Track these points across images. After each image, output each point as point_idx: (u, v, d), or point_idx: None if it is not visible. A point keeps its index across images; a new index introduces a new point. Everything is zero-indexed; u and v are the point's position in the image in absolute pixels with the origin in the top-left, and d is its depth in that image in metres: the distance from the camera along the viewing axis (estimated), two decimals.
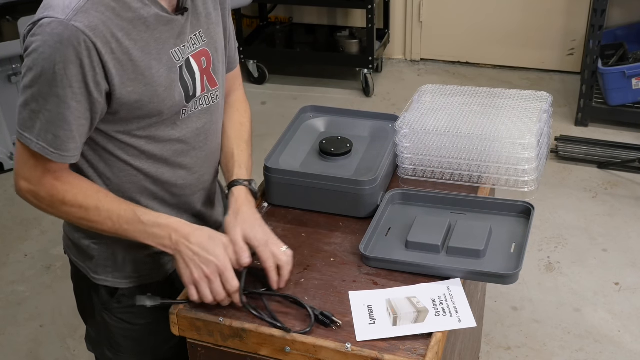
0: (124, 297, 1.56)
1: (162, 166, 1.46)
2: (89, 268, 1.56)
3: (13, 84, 3.82)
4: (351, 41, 4.39)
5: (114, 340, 1.61)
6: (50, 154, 1.34)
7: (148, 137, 1.42)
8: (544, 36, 4.42)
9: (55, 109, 1.30)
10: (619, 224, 3.17)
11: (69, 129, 1.32)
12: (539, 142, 1.71)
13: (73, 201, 1.37)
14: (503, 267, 1.48)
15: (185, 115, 1.45)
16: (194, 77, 1.44)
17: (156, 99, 1.37)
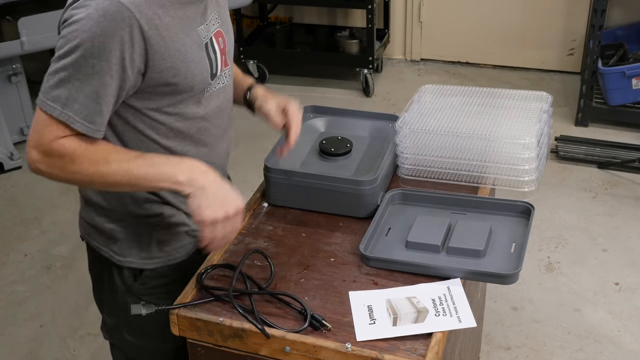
0: (148, 279, 1.59)
1: (188, 144, 1.50)
2: (113, 251, 1.58)
3: (13, 84, 3.82)
4: (351, 41, 4.39)
5: (137, 324, 1.59)
6: (75, 123, 1.33)
7: (177, 114, 1.46)
8: (544, 36, 4.42)
9: (88, 81, 1.31)
10: (619, 224, 3.16)
11: (98, 102, 1.33)
12: (539, 142, 1.71)
13: (82, 157, 1.35)
14: (503, 267, 1.48)
15: (208, 93, 1.50)
16: (216, 56, 1.48)
17: (189, 74, 1.41)
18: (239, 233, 1.63)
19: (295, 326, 1.37)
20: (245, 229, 1.65)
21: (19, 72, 3.82)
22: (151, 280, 1.60)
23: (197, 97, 1.47)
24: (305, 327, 1.35)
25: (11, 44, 3.55)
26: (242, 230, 1.65)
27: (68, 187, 3.63)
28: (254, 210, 1.71)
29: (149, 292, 1.60)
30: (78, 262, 3.09)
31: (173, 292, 1.51)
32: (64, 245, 3.21)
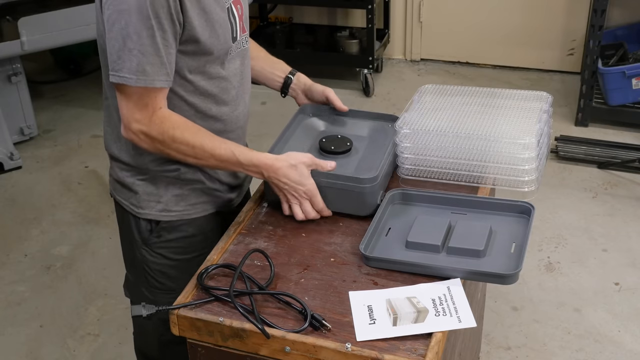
0: (163, 231, 1.69)
1: (210, 102, 1.62)
2: (133, 204, 1.70)
3: (13, 84, 3.82)
4: (351, 41, 4.39)
5: (151, 277, 1.73)
6: (152, 82, 1.48)
7: (203, 74, 1.58)
8: (544, 36, 4.42)
9: (149, 41, 1.44)
10: (619, 224, 3.16)
11: (160, 55, 1.46)
12: (539, 142, 1.71)
13: (181, 138, 1.53)
14: (503, 267, 1.48)
15: (230, 56, 1.62)
16: (236, 21, 1.60)
17: (214, 34, 1.53)
18: (238, 233, 1.64)
19: (295, 326, 1.37)
20: (245, 229, 1.65)
21: (19, 72, 3.82)
22: (166, 234, 1.70)
23: (221, 58, 1.59)
24: (305, 327, 1.35)
25: (11, 44, 3.55)
26: (242, 230, 1.65)
27: (68, 187, 3.64)
28: (254, 210, 1.71)
29: (163, 245, 1.71)
30: (78, 262, 3.09)
31: (187, 248, 1.71)
32: (64, 245, 3.21)
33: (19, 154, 3.82)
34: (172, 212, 1.69)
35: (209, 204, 1.72)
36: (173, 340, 1.69)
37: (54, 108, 4.40)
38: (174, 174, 1.66)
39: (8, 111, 3.82)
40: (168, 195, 1.67)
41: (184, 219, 1.70)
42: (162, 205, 1.68)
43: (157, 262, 1.71)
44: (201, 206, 1.71)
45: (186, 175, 1.66)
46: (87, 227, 3.30)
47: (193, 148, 1.54)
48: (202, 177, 1.68)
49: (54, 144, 4.05)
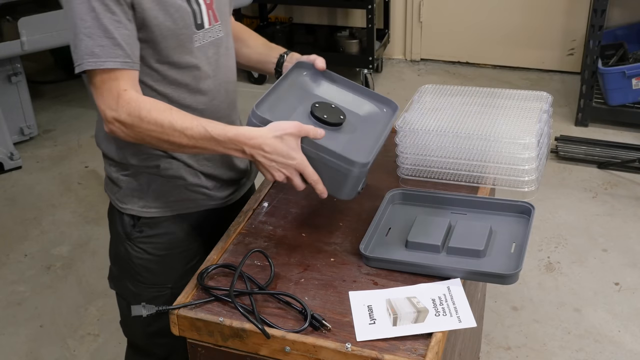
0: (145, 227, 1.69)
1: (184, 91, 1.59)
2: (117, 199, 1.70)
3: (13, 84, 3.83)
4: (351, 41, 4.39)
5: (135, 271, 1.72)
6: (103, 63, 1.44)
7: (169, 63, 1.55)
8: (544, 36, 4.42)
9: (95, 22, 1.42)
10: (619, 224, 3.17)
11: (111, 36, 1.43)
12: (539, 142, 1.71)
13: (149, 118, 1.45)
14: (503, 267, 1.48)
15: (199, 44, 1.58)
16: (201, 9, 1.56)
17: (169, 18, 1.50)
18: (238, 233, 1.64)
19: (295, 326, 1.37)
20: (245, 229, 1.65)
21: (19, 72, 3.82)
22: (148, 229, 1.69)
23: (187, 46, 1.55)
24: (306, 327, 1.35)
25: (11, 44, 3.55)
26: (242, 230, 1.65)
27: (68, 187, 3.64)
28: (254, 210, 1.71)
29: (145, 241, 1.69)
30: (78, 262, 3.09)
31: (169, 244, 1.69)
32: (64, 245, 3.21)
33: (19, 154, 3.82)
34: (153, 209, 1.67)
35: (194, 201, 1.70)
36: (159, 331, 1.72)
37: (54, 108, 4.40)
38: (154, 170, 1.64)
39: (8, 111, 3.82)
40: (149, 191, 1.66)
41: (166, 215, 1.68)
42: (144, 201, 1.67)
43: (139, 257, 1.71)
44: (184, 203, 1.69)
45: (167, 171, 1.64)
46: (87, 227, 3.30)
47: (162, 127, 1.45)
48: (184, 173, 1.65)
49: (54, 144, 4.05)
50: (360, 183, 1.56)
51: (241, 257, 1.52)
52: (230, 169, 1.74)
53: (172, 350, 1.80)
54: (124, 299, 1.80)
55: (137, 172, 1.65)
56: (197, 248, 1.74)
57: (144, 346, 1.84)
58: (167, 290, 1.72)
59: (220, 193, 1.74)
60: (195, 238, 1.74)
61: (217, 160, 1.70)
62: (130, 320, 1.82)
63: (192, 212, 1.71)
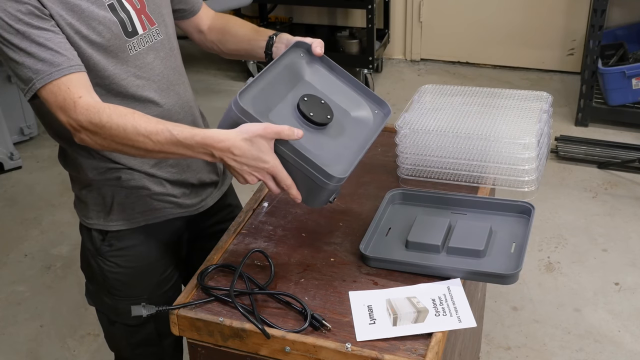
0: (113, 240, 1.66)
1: (131, 102, 1.53)
2: (84, 215, 1.68)
3: (13, 84, 3.82)
4: (351, 41, 4.39)
5: (110, 285, 1.69)
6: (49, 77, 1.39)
7: (109, 77, 1.50)
8: (544, 36, 4.42)
9: (26, 42, 1.38)
10: (619, 224, 3.16)
11: (47, 48, 1.39)
12: (539, 142, 1.71)
13: (110, 122, 1.38)
14: (503, 267, 1.48)
15: (134, 52, 1.53)
16: (130, 15, 1.53)
17: (92, 31, 1.46)
18: (238, 233, 1.64)
19: (295, 326, 1.37)
20: (245, 229, 1.65)
21: None
22: (117, 242, 1.66)
23: (121, 56, 1.51)
24: (306, 327, 1.35)
25: None
26: (242, 230, 1.65)
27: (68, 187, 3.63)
28: (254, 210, 1.71)
29: (116, 255, 1.67)
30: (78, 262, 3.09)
31: (140, 255, 1.66)
32: (64, 245, 3.21)
33: (19, 154, 3.82)
34: (120, 222, 1.64)
35: (161, 210, 1.65)
36: (142, 342, 1.71)
37: None
38: (115, 182, 1.60)
39: (8, 111, 3.82)
40: (114, 205, 1.62)
41: (133, 227, 1.65)
42: (110, 214, 1.63)
43: (112, 271, 1.67)
44: (151, 213, 1.64)
45: (129, 182, 1.60)
46: None
47: (125, 132, 1.37)
48: (147, 183, 1.61)
49: (54, 144, 4.03)
50: (333, 194, 1.47)
51: (241, 257, 1.52)
52: (198, 172, 1.69)
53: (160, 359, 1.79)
54: (104, 313, 1.77)
55: (99, 186, 1.62)
56: (171, 257, 1.72)
57: (129, 358, 1.83)
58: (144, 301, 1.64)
59: (190, 200, 1.69)
60: (168, 247, 1.71)
61: (181, 165, 1.65)
62: (113, 334, 1.81)
63: (161, 221, 1.67)
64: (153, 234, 1.67)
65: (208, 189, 1.73)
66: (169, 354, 1.80)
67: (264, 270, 1.51)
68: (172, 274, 1.74)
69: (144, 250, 1.67)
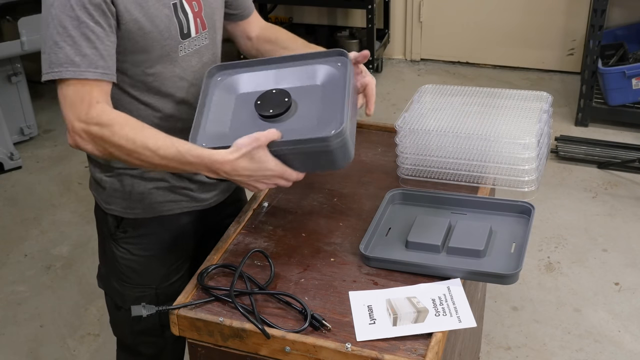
0: (128, 227, 1.68)
1: (168, 101, 1.58)
2: (102, 199, 1.69)
3: (13, 84, 3.83)
4: (351, 41, 4.39)
5: (120, 271, 1.72)
6: (82, 73, 1.41)
7: (154, 75, 1.53)
8: (544, 36, 4.42)
9: (77, 31, 1.40)
10: (619, 224, 3.16)
11: (94, 46, 1.41)
12: (539, 142, 1.71)
13: (120, 132, 1.41)
14: (503, 267, 1.48)
15: (183, 53, 1.56)
16: (188, 18, 1.55)
17: (155, 29, 1.49)
18: (238, 233, 1.64)
19: (295, 326, 1.37)
20: (245, 228, 1.65)
21: (19, 72, 3.82)
22: (132, 230, 1.69)
23: (171, 56, 1.54)
24: (306, 327, 1.35)
25: (11, 44, 3.55)
26: (242, 230, 1.65)
27: (68, 187, 3.64)
28: (254, 210, 1.71)
29: (129, 241, 1.69)
30: (78, 262, 3.09)
31: (153, 245, 1.69)
32: (64, 245, 3.21)
33: (19, 154, 3.82)
34: (136, 210, 1.67)
35: (178, 202, 1.69)
36: (145, 330, 1.72)
37: (54, 108, 4.39)
38: (136, 172, 1.63)
39: (8, 111, 3.82)
40: (133, 193, 1.65)
41: (149, 216, 1.68)
42: (127, 202, 1.66)
43: (124, 257, 1.71)
44: (167, 205, 1.68)
45: (150, 173, 1.64)
46: (87, 227, 3.29)
47: (134, 144, 1.41)
48: (167, 175, 1.65)
49: (54, 144, 4.05)
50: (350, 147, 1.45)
51: (241, 257, 1.52)
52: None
53: (160, 349, 1.81)
54: (111, 298, 1.80)
55: (120, 174, 1.64)
56: (182, 249, 1.74)
57: (131, 345, 1.85)
58: (152, 291, 1.72)
59: (205, 194, 1.72)
60: (180, 239, 1.73)
61: None
62: (117, 319, 1.83)
63: (176, 213, 1.70)
64: (166, 225, 1.70)
65: (221, 184, 1.77)
66: (170, 345, 1.81)
67: (264, 270, 1.51)
68: (182, 266, 1.76)
69: (157, 240, 1.70)
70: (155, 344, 1.80)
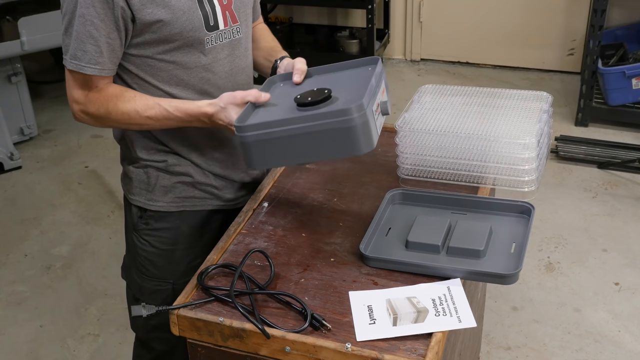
0: (151, 219, 1.72)
1: (190, 92, 1.61)
2: (127, 190, 1.75)
3: (13, 84, 3.83)
4: (351, 41, 4.39)
5: (139, 263, 1.75)
6: (82, 68, 1.51)
7: (175, 62, 1.57)
8: (544, 36, 4.43)
9: (82, 28, 1.47)
10: (619, 224, 3.17)
11: (96, 44, 1.49)
12: (539, 142, 1.71)
13: (115, 109, 1.54)
14: (503, 267, 1.48)
15: (210, 45, 1.59)
16: (214, 10, 1.57)
17: (175, 21, 1.51)
18: (238, 233, 1.64)
19: (295, 326, 1.37)
20: (245, 228, 1.65)
21: (19, 72, 3.83)
22: (154, 222, 1.72)
23: (197, 47, 1.56)
24: (306, 327, 1.35)
25: (11, 44, 3.55)
26: (242, 230, 1.65)
27: (68, 187, 3.64)
28: (254, 210, 1.71)
29: (149, 233, 1.73)
30: (78, 262, 3.09)
31: (173, 239, 1.72)
32: (64, 245, 3.21)
33: (19, 154, 3.82)
34: (159, 203, 1.70)
35: (201, 199, 1.72)
36: (159, 326, 1.73)
37: (54, 108, 4.40)
38: (161, 164, 1.68)
39: (8, 111, 3.82)
40: (157, 185, 1.69)
41: (172, 210, 1.71)
42: (151, 194, 1.70)
43: (144, 249, 1.73)
44: (191, 200, 1.71)
45: (175, 167, 1.68)
46: (87, 227, 3.30)
47: (128, 115, 1.55)
48: (192, 171, 1.69)
49: (54, 144, 4.05)
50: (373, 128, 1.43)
51: (241, 257, 1.52)
52: (240, 171, 1.76)
53: (174, 346, 1.81)
54: (130, 289, 1.83)
55: (145, 165, 1.69)
56: (202, 247, 1.74)
57: (145, 340, 1.86)
58: (169, 286, 1.74)
59: (230, 194, 1.75)
60: (201, 236, 1.74)
61: (225, 161, 1.71)
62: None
63: (199, 210, 1.72)
64: (188, 221, 1.72)
65: (248, 186, 1.79)
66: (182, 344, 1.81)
67: (264, 270, 1.51)
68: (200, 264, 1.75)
69: (178, 234, 1.72)
70: (169, 341, 1.79)
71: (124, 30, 1.50)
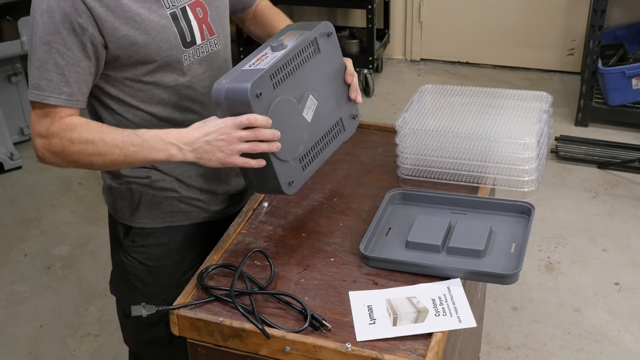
0: (136, 237, 1.67)
1: (172, 110, 1.56)
2: (112, 207, 1.70)
3: (13, 84, 3.82)
4: (351, 41, 4.39)
5: (128, 280, 1.71)
6: (46, 98, 1.41)
7: (154, 83, 1.51)
8: (544, 36, 4.42)
9: (47, 56, 1.39)
10: (619, 224, 3.16)
11: (61, 72, 1.40)
12: (539, 142, 1.71)
13: (79, 138, 1.43)
14: (503, 267, 1.48)
15: (188, 62, 1.53)
16: (190, 25, 1.51)
17: (151, 41, 1.45)
18: (238, 233, 1.64)
19: (295, 326, 1.37)
20: (245, 228, 1.65)
21: (19, 72, 3.82)
22: (139, 239, 1.67)
23: (176, 66, 1.51)
24: (306, 327, 1.35)
25: (11, 44, 3.55)
26: (242, 230, 1.65)
27: (68, 187, 3.63)
28: (254, 210, 1.71)
29: (136, 250, 1.68)
30: (78, 262, 3.09)
31: (161, 255, 1.67)
32: (64, 245, 3.21)
33: (19, 154, 3.82)
34: (144, 219, 1.66)
35: (187, 213, 1.67)
36: (152, 340, 1.72)
37: None
38: (145, 180, 1.62)
39: (8, 111, 3.82)
40: (141, 202, 1.64)
41: (157, 226, 1.66)
42: (136, 211, 1.65)
43: (132, 267, 1.69)
44: (176, 215, 1.67)
45: (159, 183, 1.62)
46: (87, 227, 3.30)
47: (93, 144, 1.42)
48: (177, 185, 1.64)
49: None
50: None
51: (241, 257, 1.52)
52: (225, 184, 1.71)
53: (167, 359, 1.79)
54: (120, 305, 1.79)
55: (129, 181, 1.63)
56: (191, 260, 1.71)
57: (138, 355, 1.84)
58: (160, 301, 1.68)
59: (216, 206, 1.71)
60: (189, 250, 1.71)
61: (209, 174, 1.66)
62: (126, 327, 1.82)
63: (186, 224, 1.68)
64: (176, 236, 1.68)
65: (234, 197, 1.75)
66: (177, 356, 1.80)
67: (264, 270, 1.51)
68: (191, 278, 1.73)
69: (166, 250, 1.68)
70: (163, 354, 1.78)
71: (94, 57, 1.42)
